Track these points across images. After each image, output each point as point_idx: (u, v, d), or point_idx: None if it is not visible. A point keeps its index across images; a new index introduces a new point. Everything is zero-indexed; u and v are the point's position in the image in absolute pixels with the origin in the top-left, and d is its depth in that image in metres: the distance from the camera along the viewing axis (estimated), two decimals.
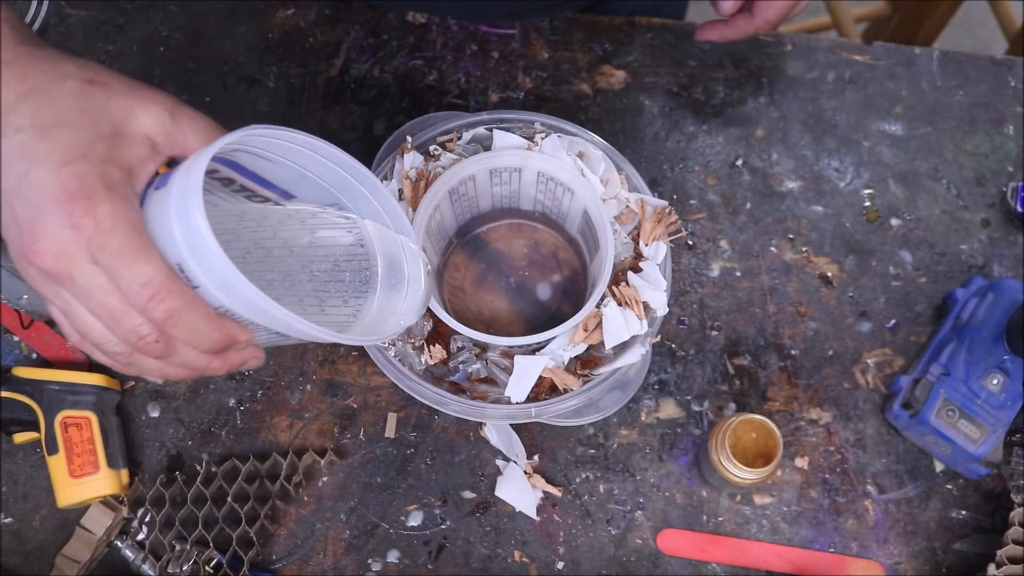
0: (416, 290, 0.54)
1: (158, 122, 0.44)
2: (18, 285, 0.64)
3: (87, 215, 0.40)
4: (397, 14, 0.80)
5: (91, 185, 0.41)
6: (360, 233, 0.54)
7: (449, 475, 0.67)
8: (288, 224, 0.53)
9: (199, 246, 0.41)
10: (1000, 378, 0.64)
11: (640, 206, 0.63)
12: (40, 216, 0.41)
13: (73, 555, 0.62)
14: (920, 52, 0.80)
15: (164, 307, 0.42)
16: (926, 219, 0.75)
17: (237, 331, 0.45)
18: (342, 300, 0.54)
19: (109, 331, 0.44)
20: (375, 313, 0.54)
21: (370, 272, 0.55)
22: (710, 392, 0.69)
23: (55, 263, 0.41)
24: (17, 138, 0.41)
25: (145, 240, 0.42)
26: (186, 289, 0.42)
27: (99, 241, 0.41)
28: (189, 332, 0.43)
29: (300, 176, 0.50)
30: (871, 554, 0.66)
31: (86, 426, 0.64)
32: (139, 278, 0.41)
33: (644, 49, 0.80)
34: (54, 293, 0.43)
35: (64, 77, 0.43)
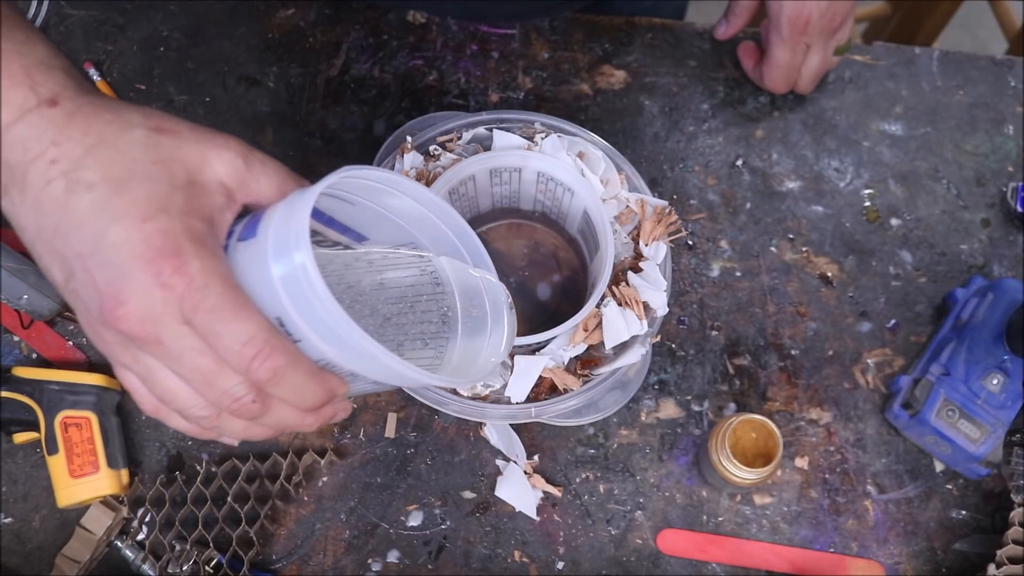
0: (500, 324, 0.51)
1: (232, 168, 0.42)
2: (18, 285, 0.64)
3: (177, 273, 0.37)
4: (397, 14, 0.80)
5: (177, 240, 0.38)
6: (435, 272, 0.52)
7: (449, 475, 0.67)
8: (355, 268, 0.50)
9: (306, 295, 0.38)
10: (1000, 378, 0.64)
11: (640, 206, 0.63)
12: (124, 277, 0.37)
13: (73, 555, 0.62)
14: (920, 52, 0.80)
15: (269, 365, 0.39)
16: (926, 219, 0.75)
17: (337, 385, 0.43)
18: (422, 343, 0.51)
19: (198, 394, 0.41)
20: (460, 352, 0.52)
21: (449, 311, 0.52)
22: (710, 392, 0.69)
23: (142, 327, 0.38)
24: (88, 196, 0.38)
25: (242, 295, 0.39)
26: (289, 344, 0.40)
27: (192, 300, 0.38)
28: (292, 390, 0.41)
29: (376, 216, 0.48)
30: (871, 554, 0.66)
31: (86, 426, 0.64)
32: (240, 336, 0.38)
33: (644, 49, 0.80)
34: (132, 359, 0.40)
35: (131, 127, 0.40)
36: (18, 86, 0.40)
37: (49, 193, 0.39)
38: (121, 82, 0.77)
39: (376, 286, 0.50)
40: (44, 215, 0.39)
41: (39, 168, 0.39)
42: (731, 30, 0.78)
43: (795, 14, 0.70)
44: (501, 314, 0.51)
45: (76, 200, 0.38)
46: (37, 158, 0.39)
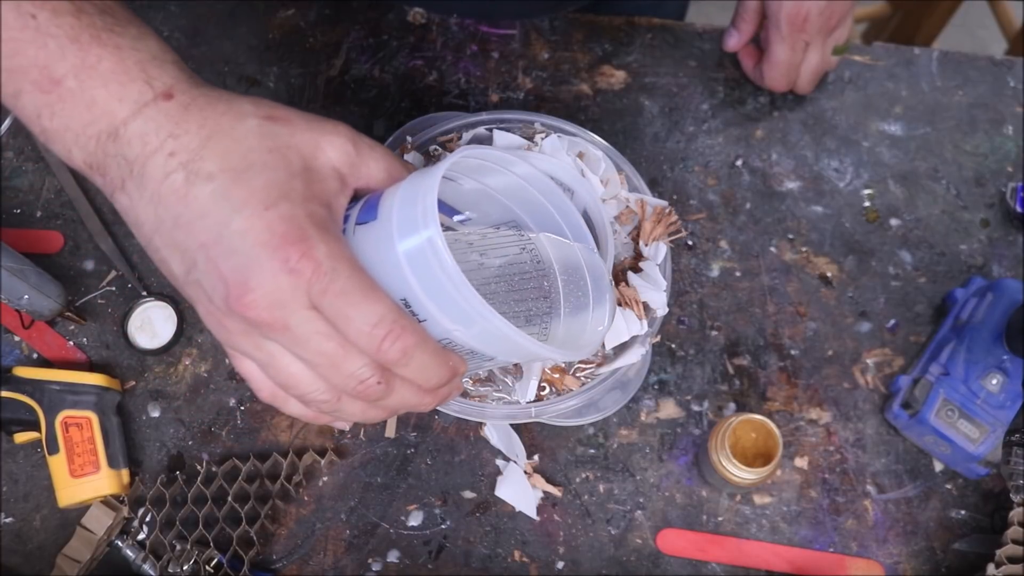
0: (603, 299, 0.52)
1: (343, 153, 0.42)
2: (18, 285, 0.64)
3: (305, 258, 0.38)
4: (397, 14, 0.80)
5: (302, 226, 0.38)
6: (535, 250, 0.52)
7: (449, 475, 0.67)
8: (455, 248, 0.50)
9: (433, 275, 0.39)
10: (999, 378, 0.64)
11: (640, 206, 0.63)
12: (251, 265, 0.38)
13: (74, 555, 0.62)
14: (920, 52, 0.80)
15: (399, 345, 0.39)
16: (926, 219, 0.75)
17: (459, 363, 0.43)
18: (525, 320, 0.52)
19: (321, 379, 0.41)
20: (565, 328, 0.52)
21: (551, 288, 0.53)
22: (710, 392, 0.69)
23: (270, 313, 0.38)
24: (208, 186, 0.38)
25: (368, 278, 0.39)
26: (417, 325, 0.40)
27: (321, 284, 0.38)
28: (419, 370, 0.41)
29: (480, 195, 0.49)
30: (871, 554, 0.66)
31: (87, 426, 0.64)
32: (370, 318, 0.39)
33: (644, 49, 0.80)
34: (255, 346, 0.41)
35: (244, 116, 0.41)
36: (134, 81, 0.40)
37: (169, 185, 0.39)
38: None
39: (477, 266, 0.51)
40: (164, 207, 0.39)
41: (158, 161, 0.39)
42: (744, 38, 0.76)
43: (794, 12, 0.70)
44: (603, 288, 0.51)
45: (197, 191, 0.38)
46: (156, 151, 0.39)
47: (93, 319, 0.70)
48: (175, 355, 0.69)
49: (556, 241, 0.52)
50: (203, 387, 0.69)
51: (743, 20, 0.75)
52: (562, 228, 0.51)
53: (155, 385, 0.69)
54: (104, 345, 0.70)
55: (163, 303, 0.70)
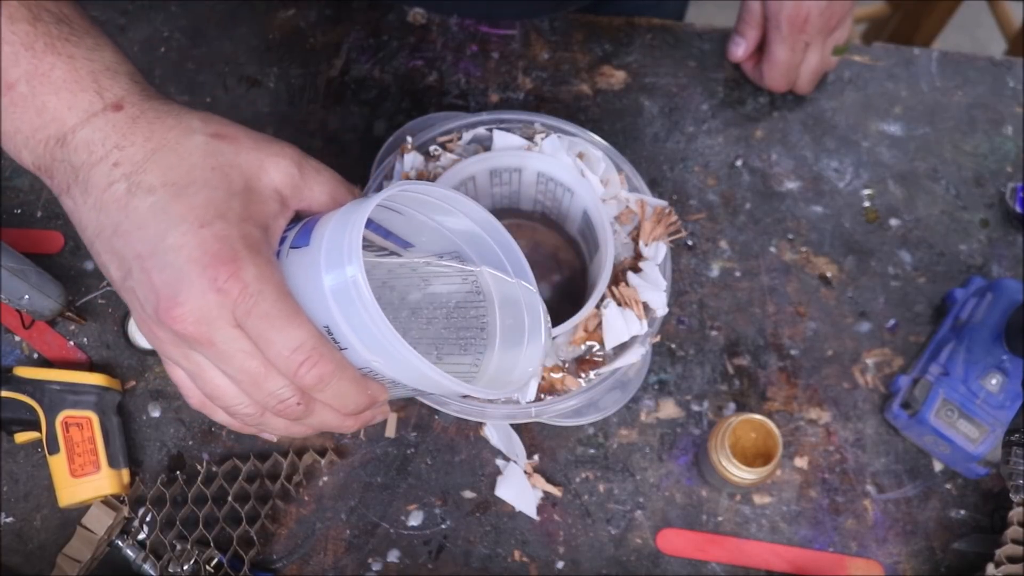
0: (538, 336, 0.53)
1: (287, 175, 0.43)
2: (18, 285, 0.64)
3: (232, 279, 0.39)
4: (397, 15, 0.80)
5: (234, 246, 0.39)
6: (476, 281, 0.53)
7: (449, 475, 0.67)
8: (399, 273, 0.52)
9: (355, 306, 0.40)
10: (999, 378, 0.64)
11: (640, 206, 0.63)
12: (181, 280, 0.39)
13: (74, 554, 0.62)
14: (919, 53, 0.80)
15: (316, 372, 0.40)
16: (925, 219, 0.75)
17: (379, 392, 0.44)
18: (460, 349, 0.53)
19: (245, 395, 0.42)
20: (497, 362, 0.53)
21: (487, 321, 0.54)
22: (710, 392, 0.69)
23: (196, 328, 0.39)
24: (149, 199, 0.39)
25: (293, 303, 0.40)
26: (336, 352, 0.41)
27: (246, 306, 0.39)
28: (336, 396, 0.42)
29: (423, 226, 0.50)
30: (870, 554, 0.66)
31: (87, 426, 0.64)
32: (290, 343, 0.40)
33: (644, 49, 0.80)
34: (183, 356, 0.42)
35: (191, 132, 0.42)
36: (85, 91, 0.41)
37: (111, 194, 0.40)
38: None
39: (419, 292, 0.52)
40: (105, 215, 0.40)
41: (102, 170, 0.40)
42: (751, 45, 0.75)
43: (794, 12, 0.70)
44: (538, 327, 0.53)
45: (137, 203, 0.40)
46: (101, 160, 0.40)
47: (93, 319, 0.70)
48: None
49: (498, 277, 0.53)
50: None
51: (747, 25, 0.75)
52: (504, 264, 0.53)
53: (155, 385, 0.69)
54: (104, 345, 0.70)
55: None
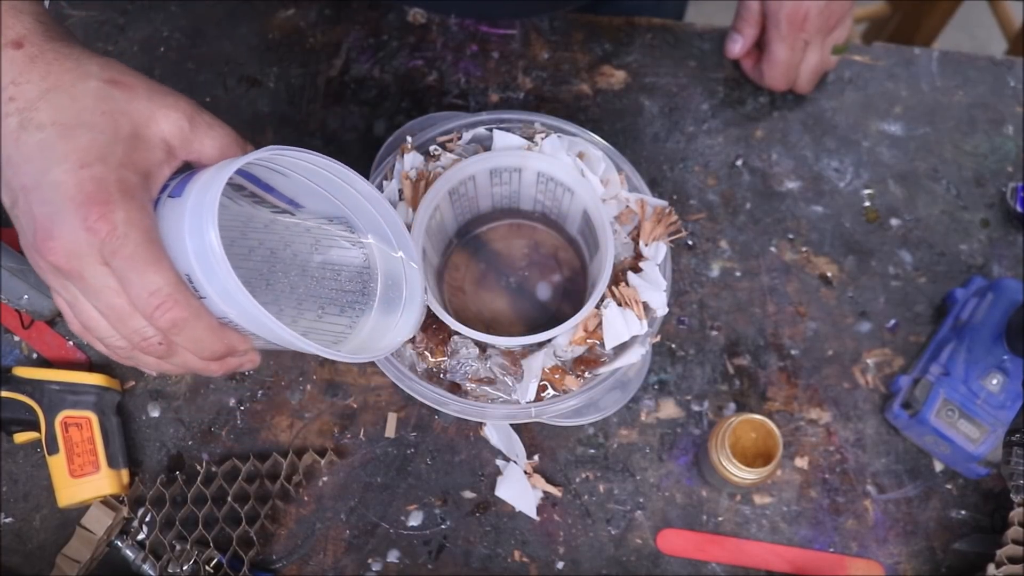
0: (413, 308, 0.56)
1: (176, 127, 0.45)
2: (18, 285, 0.64)
3: (102, 219, 0.41)
4: (397, 14, 0.80)
5: (108, 189, 0.42)
6: (364, 249, 0.56)
7: (449, 475, 0.67)
8: (294, 231, 0.54)
9: (209, 261, 0.42)
10: (1000, 378, 0.64)
11: (640, 206, 0.63)
12: (56, 215, 0.41)
13: (74, 555, 0.62)
14: (920, 52, 0.80)
15: (169, 316, 0.43)
16: (926, 219, 0.75)
17: (237, 341, 0.46)
18: (339, 309, 0.56)
19: (113, 328, 0.45)
20: (371, 327, 0.56)
21: (369, 287, 0.57)
22: (710, 392, 0.69)
23: (67, 261, 0.42)
24: (38, 135, 0.42)
25: (157, 249, 0.43)
26: (192, 300, 0.43)
27: (112, 246, 0.41)
28: (192, 341, 0.45)
29: (310, 190, 0.52)
30: (871, 554, 0.66)
31: (86, 426, 0.64)
32: (148, 286, 0.42)
33: (644, 49, 0.80)
34: (62, 286, 0.44)
35: (87, 76, 0.44)
36: None
37: (5, 127, 0.42)
38: None
39: (310, 253, 0.55)
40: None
41: None
42: (747, 43, 0.75)
43: (793, 11, 0.70)
44: (415, 299, 0.56)
45: (27, 138, 0.42)
46: None
47: None
48: None
49: (384, 250, 0.56)
50: (203, 387, 0.69)
51: (745, 23, 0.75)
52: (387, 234, 0.55)
53: (155, 385, 0.69)
54: None
55: None
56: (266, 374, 0.69)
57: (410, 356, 0.60)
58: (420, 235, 0.59)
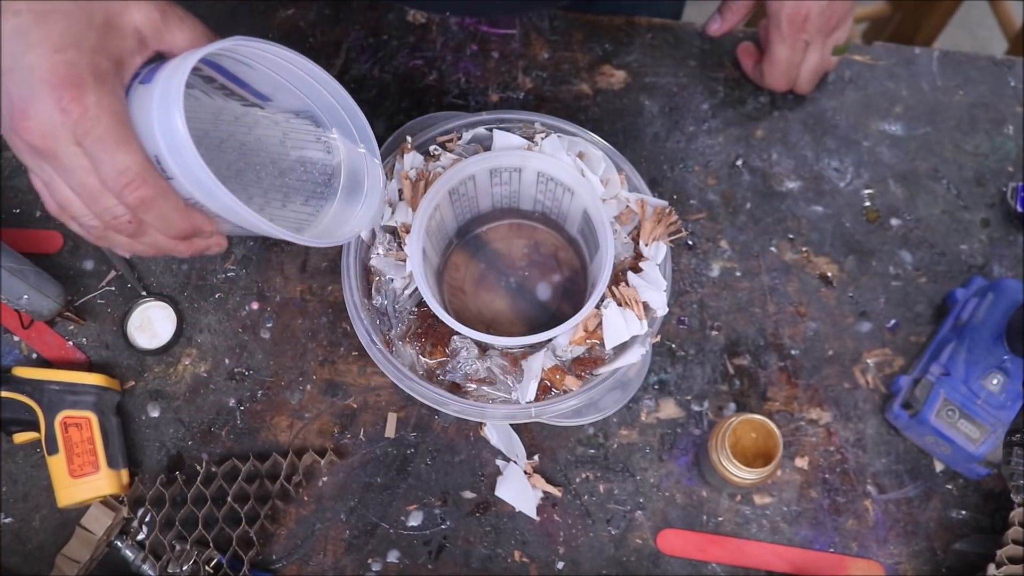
0: (373, 199, 0.59)
1: (148, 18, 0.47)
2: (18, 285, 0.64)
3: (75, 101, 0.43)
4: (397, 14, 0.80)
5: (81, 73, 0.44)
6: (328, 142, 0.59)
7: (449, 475, 0.67)
8: (262, 124, 0.57)
9: (176, 143, 0.44)
10: (1000, 378, 0.64)
11: (640, 206, 0.63)
12: (31, 96, 0.43)
13: (73, 555, 0.62)
14: (920, 52, 0.80)
15: (138, 195, 0.45)
16: (926, 219, 0.75)
17: (203, 222, 0.49)
18: (304, 199, 0.59)
19: (85, 207, 0.47)
20: (332, 217, 0.59)
21: (333, 179, 0.59)
22: (710, 392, 0.69)
23: (42, 141, 0.44)
24: (14, 20, 0.44)
25: (127, 131, 0.45)
26: (160, 180, 0.46)
27: (84, 127, 0.44)
28: (159, 219, 0.47)
29: (277, 84, 0.54)
30: (871, 554, 0.66)
31: (86, 426, 0.64)
32: (117, 166, 0.45)
33: (644, 49, 0.80)
34: (38, 166, 0.47)
35: None
36: None
37: None
38: None
39: (276, 145, 0.58)
40: None
41: None
42: (725, 26, 0.77)
43: (794, 11, 0.70)
44: (376, 191, 0.59)
45: (4, 23, 0.44)
46: None
47: (92, 319, 0.70)
48: (174, 355, 0.69)
49: (349, 145, 0.58)
50: (203, 387, 0.69)
51: (729, 10, 0.76)
52: (349, 127, 0.57)
53: (155, 385, 0.69)
54: (103, 345, 0.70)
55: (162, 303, 0.70)
56: (266, 374, 0.69)
57: (410, 356, 0.60)
58: (420, 235, 0.59)
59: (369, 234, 0.61)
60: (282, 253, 0.72)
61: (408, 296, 0.62)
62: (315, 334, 0.70)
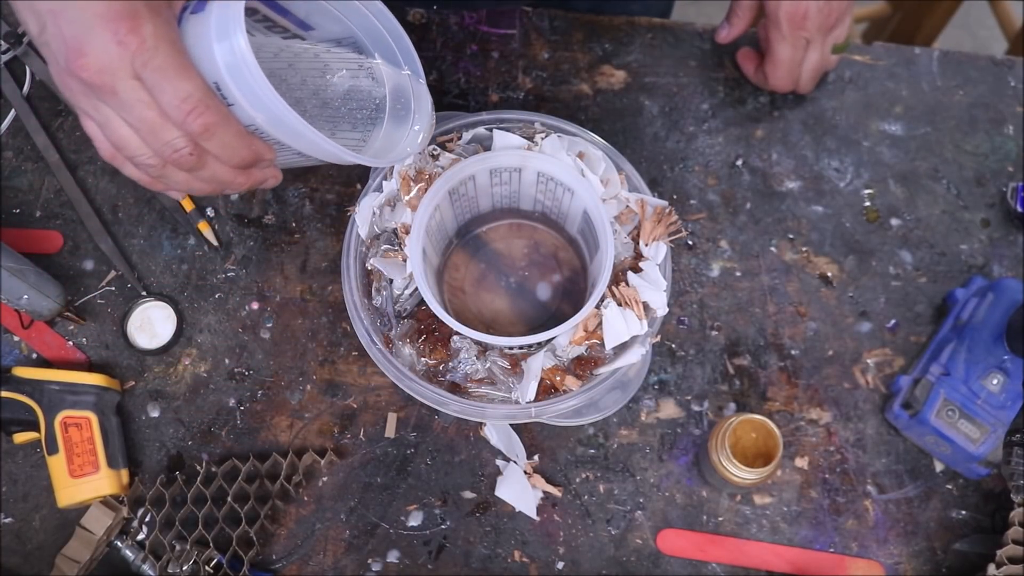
0: (422, 120, 0.59)
1: None
2: (18, 285, 0.64)
3: (132, 33, 0.43)
4: (397, 13, 0.80)
5: (135, 6, 0.44)
6: (371, 69, 0.59)
7: (449, 475, 0.67)
8: (304, 57, 0.57)
9: (237, 65, 0.44)
10: (1000, 378, 0.64)
11: (640, 206, 0.63)
12: (86, 33, 0.43)
13: (73, 555, 0.62)
14: (920, 52, 0.80)
15: (201, 121, 0.45)
16: (926, 219, 0.75)
17: (264, 149, 0.49)
18: (351, 126, 0.59)
19: (144, 144, 0.46)
20: (382, 142, 0.59)
21: (378, 104, 0.59)
22: (710, 392, 0.69)
23: (99, 77, 0.44)
24: None
25: (185, 59, 0.45)
26: (221, 106, 0.46)
27: (143, 58, 0.44)
28: (221, 147, 0.47)
29: (320, 8, 0.54)
30: (871, 554, 0.66)
31: (86, 426, 0.64)
32: (179, 93, 0.44)
33: (644, 49, 0.80)
34: (93, 107, 0.46)
35: None
36: None
37: None
38: None
39: (320, 75, 0.58)
40: None
41: None
42: (734, 32, 0.77)
43: (793, 10, 0.70)
44: (424, 111, 0.59)
45: None
46: None
47: (92, 319, 0.70)
48: (174, 355, 0.69)
49: (390, 65, 0.59)
50: (203, 387, 0.69)
51: (737, 16, 0.76)
52: (393, 51, 0.58)
53: (154, 385, 0.69)
54: (103, 345, 0.69)
55: (162, 303, 0.70)
56: (266, 374, 0.69)
57: (410, 356, 0.60)
58: (420, 235, 0.59)
59: (368, 232, 0.61)
60: (282, 253, 0.72)
61: (408, 296, 0.62)
62: (315, 334, 0.70)
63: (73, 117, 0.75)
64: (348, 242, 0.61)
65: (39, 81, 0.76)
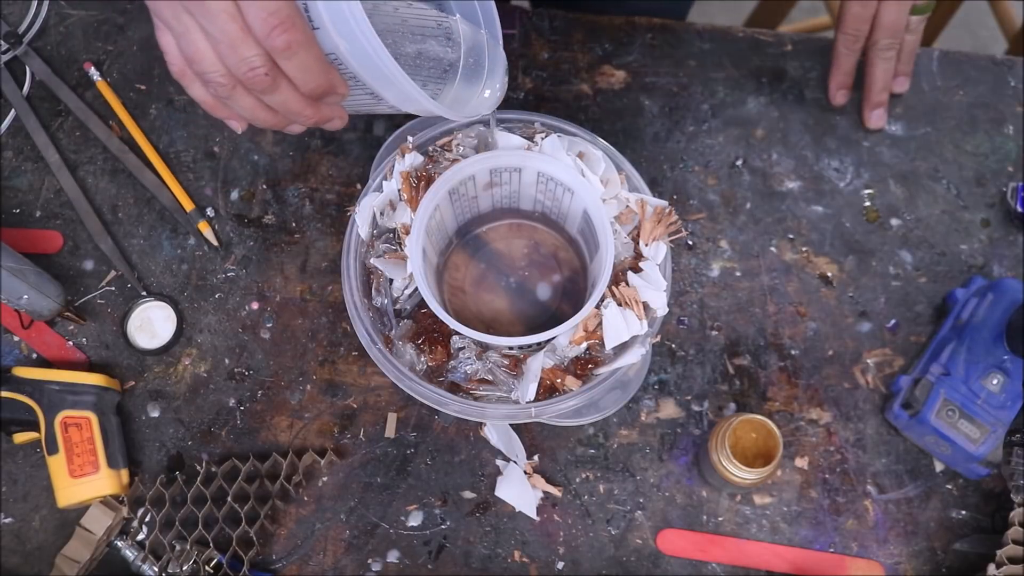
0: (495, 80, 0.59)
1: None
2: (18, 285, 0.64)
3: None
4: None
5: None
6: (448, 26, 0.59)
7: (449, 475, 0.67)
8: (381, 9, 0.57)
9: None
10: (1000, 378, 0.64)
11: (640, 206, 0.63)
12: None
13: (73, 555, 0.62)
14: (920, 52, 0.80)
15: (285, 37, 0.44)
16: (926, 219, 0.75)
17: (339, 82, 0.48)
18: (423, 82, 0.58)
19: (220, 59, 0.46)
20: (454, 95, 0.59)
21: (452, 61, 0.59)
22: (710, 392, 0.69)
23: None
24: None
25: None
26: (307, 26, 0.45)
27: None
28: (300, 68, 0.46)
29: None
30: (871, 554, 0.66)
31: (86, 426, 0.64)
32: (268, 7, 0.43)
33: (644, 49, 0.80)
34: (174, 15, 0.45)
35: None
36: None
37: None
38: (121, 82, 0.77)
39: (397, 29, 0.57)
40: None
41: None
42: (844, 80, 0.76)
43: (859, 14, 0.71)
44: (498, 73, 0.59)
45: None
46: None
47: (92, 319, 0.70)
48: (174, 355, 0.69)
49: (466, 22, 0.59)
50: (203, 387, 0.69)
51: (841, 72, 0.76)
52: (476, 11, 0.58)
53: (154, 385, 0.69)
54: (103, 345, 0.70)
55: (162, 303, 0.70)
56: (266, 374, 0.69)
57: (410, 356, 0.60)
58: (420, 235, 0.59)
59: (369, 233, 0.61)
60: (282, 253, 0.72)
61: (408, 296, 0.62)
62: (315, 334, 0.70)
63: (73, 117, 0.75)
64: (348, 242, 0.61)
65: (39, 81, 0.76)
